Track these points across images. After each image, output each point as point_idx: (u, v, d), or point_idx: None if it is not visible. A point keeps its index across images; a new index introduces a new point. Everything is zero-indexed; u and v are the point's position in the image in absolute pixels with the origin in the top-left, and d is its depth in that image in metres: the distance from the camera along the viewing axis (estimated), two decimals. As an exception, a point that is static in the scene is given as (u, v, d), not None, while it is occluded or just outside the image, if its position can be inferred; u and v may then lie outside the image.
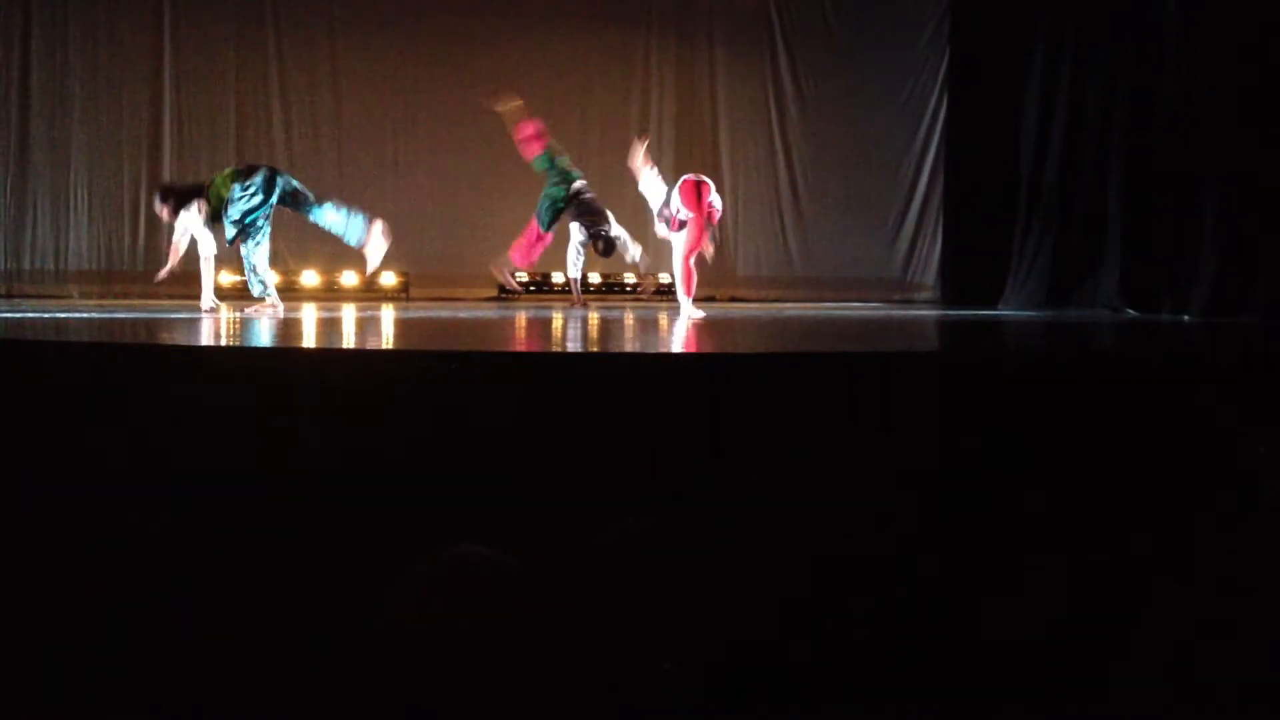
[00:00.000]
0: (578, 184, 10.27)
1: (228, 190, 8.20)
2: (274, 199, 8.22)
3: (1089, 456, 3.92)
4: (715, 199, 8.67)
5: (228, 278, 12.41)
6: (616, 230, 10.28)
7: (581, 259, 10.60)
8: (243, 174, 8.31)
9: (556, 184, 10.20)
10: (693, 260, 8.75)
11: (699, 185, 8.62)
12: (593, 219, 10.24)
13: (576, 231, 10.45)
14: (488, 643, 1.96)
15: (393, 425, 3.55)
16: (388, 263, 12.91)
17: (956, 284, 13.12)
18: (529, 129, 10.31)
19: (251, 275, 8.32)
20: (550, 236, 10.42)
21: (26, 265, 12.12)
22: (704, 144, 13.88)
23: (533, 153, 10.34)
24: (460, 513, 3.04)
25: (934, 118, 13.88)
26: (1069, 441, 3.99)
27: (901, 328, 7.86)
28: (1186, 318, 9.50)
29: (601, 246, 10.37)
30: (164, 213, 8.66)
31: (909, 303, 13.43)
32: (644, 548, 2.17)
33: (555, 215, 10.24)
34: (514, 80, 12.99)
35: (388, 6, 12.83)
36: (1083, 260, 11.19)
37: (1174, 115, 10.08)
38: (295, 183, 8.45)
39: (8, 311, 8.34)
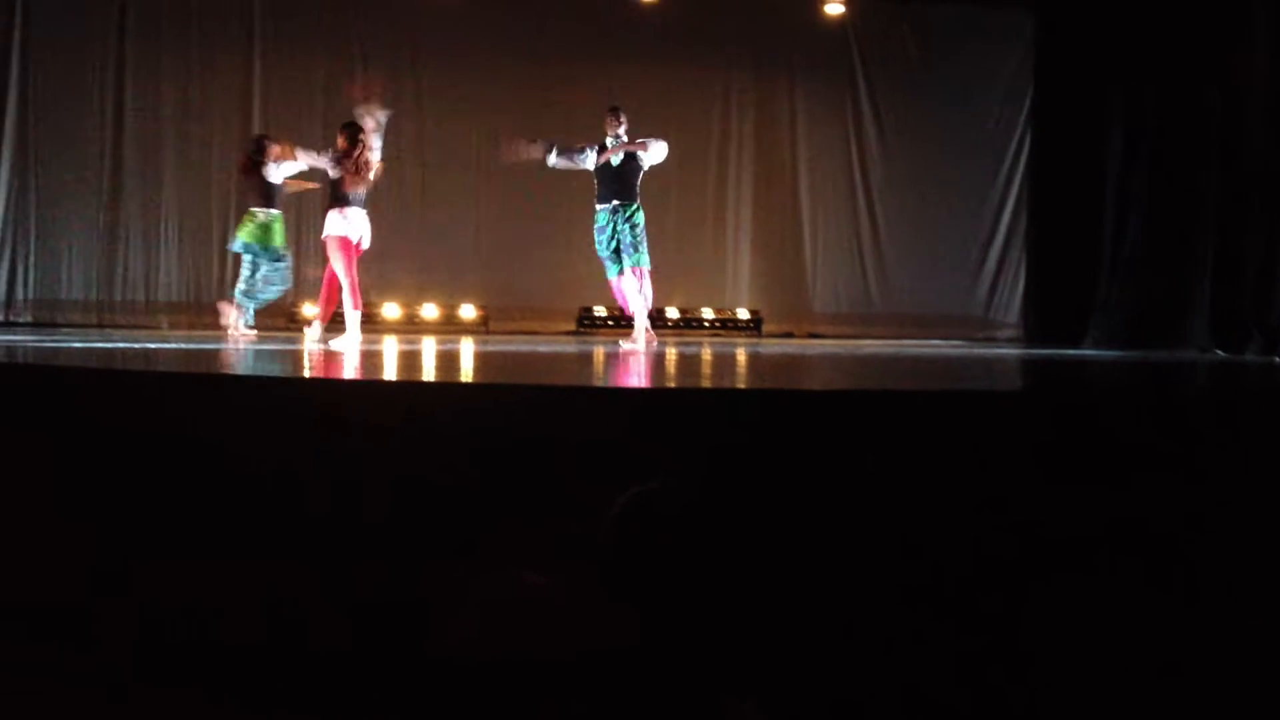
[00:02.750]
0: None
1: None
2: None
3: (1177, 498, 3.83)
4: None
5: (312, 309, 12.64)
6: None
7: None
8: None
9: None
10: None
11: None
12: None
13: None
14: (538, 669, 1.95)
15: (457, 453, 3.57)
16: (469, 295, 13.13)
17: (1040, 322, 12.92)
18: None
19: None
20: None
21: (118, 296, 12.42)
22: (783, 180, 13.87)
23: None
24: (516, 539, 3.04)
25: (1017, 153, 13.74)
26: (1156, 484, 3.90)
27: (983, 366, 7.75)
28: (1277, 359, 9.28)
29: None
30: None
31: (991, 341, 13.26)
32: (691, 572, 2.15)
33: None
34: (593, 115, 13.11)
35: (471, 44, 13.00)
36: (1169, 299, 10.97)
37: (1263, 152, 9.89)
38: None
39: (100, 341, 8.54)
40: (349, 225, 8.73)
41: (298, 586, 3.18)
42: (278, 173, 9.79)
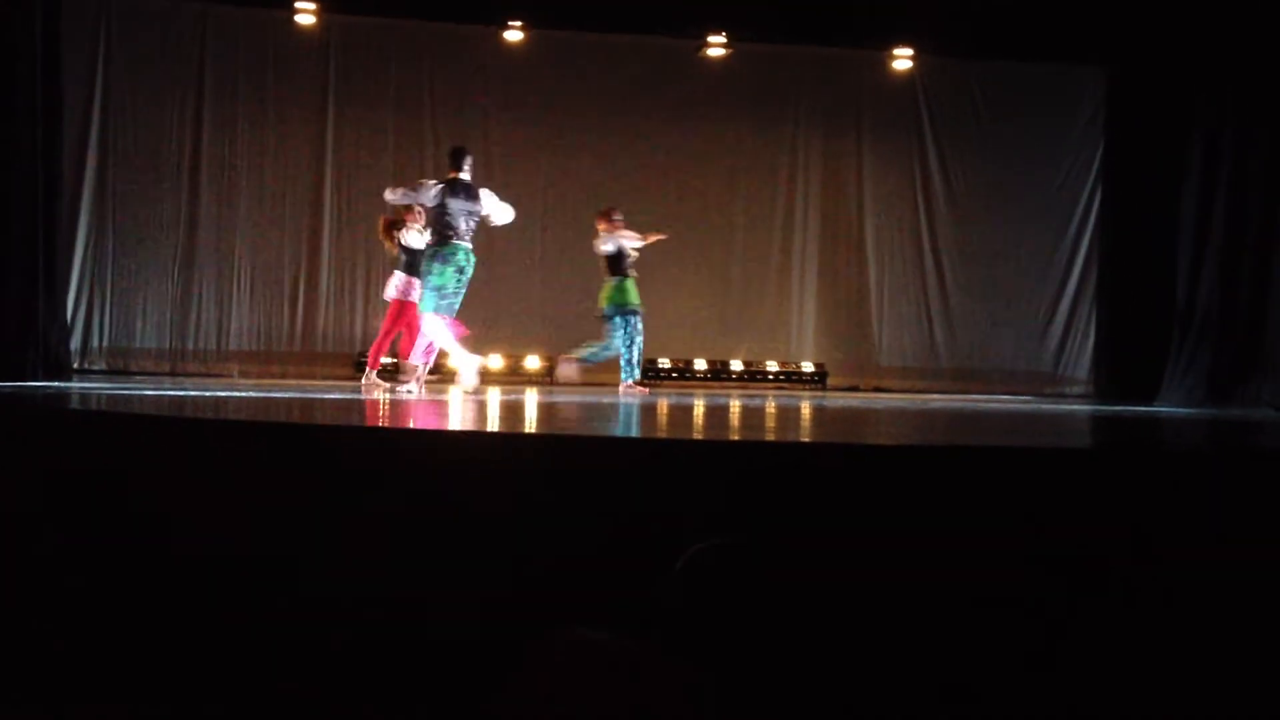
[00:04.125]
0: None
1: None
2: None
3: (1252, 562, 3.73)
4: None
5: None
6: None
7: None
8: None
9: None
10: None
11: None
12: None
13: None
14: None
15: (520, 507, 3.57)
16: (533, 346, 13.20)
17: (1110, 379, 12.75)
18: None
19: None
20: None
21: (190, 345, 12.65)
22: (849, 234, 13.85)
23: None
24: (577, 597, 3.03)
25: (1087, 208, 13.63)
26: (1230, 545, 3.81)
27: (1051, 422, 7.64)
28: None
29: None
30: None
31: (1060, 397, 13.10)
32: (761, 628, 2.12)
33: None
34: (662, 169, 13.19)
35: (539, 97, 13.17)
36: (1244, 357, 10.76)
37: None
38: None
39: (172, 389, 8.66)
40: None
41: (356, 643, 3.19)
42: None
